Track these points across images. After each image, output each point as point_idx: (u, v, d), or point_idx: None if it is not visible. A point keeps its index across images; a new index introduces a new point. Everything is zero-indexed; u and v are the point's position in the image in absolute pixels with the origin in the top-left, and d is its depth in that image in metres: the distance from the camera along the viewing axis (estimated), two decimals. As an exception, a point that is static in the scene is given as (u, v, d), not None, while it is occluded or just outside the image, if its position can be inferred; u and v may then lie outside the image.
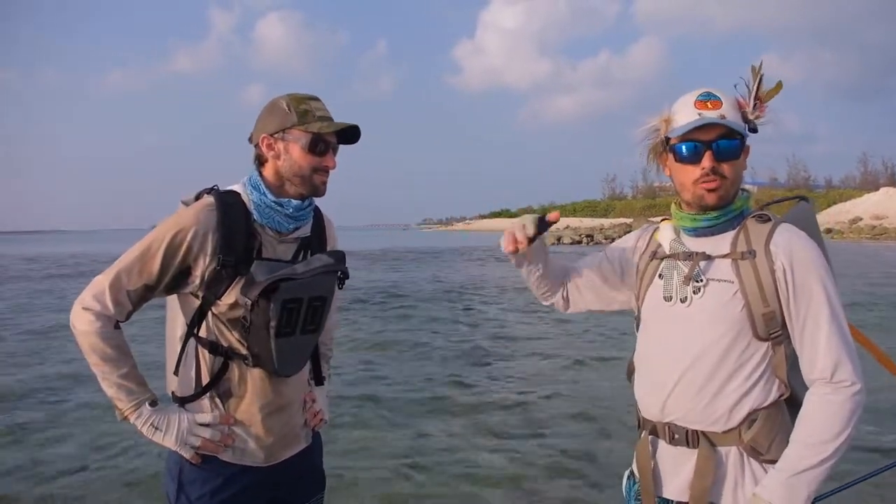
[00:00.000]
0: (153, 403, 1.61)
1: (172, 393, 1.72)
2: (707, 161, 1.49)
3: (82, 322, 1.56)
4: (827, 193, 66.01)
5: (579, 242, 42.68)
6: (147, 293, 1.61)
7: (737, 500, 1.47)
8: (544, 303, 1.87)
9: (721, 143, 1.48)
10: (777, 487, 1.39)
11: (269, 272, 1.62)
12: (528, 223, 1.60)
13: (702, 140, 1.49)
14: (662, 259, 1.62)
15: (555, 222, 1.61)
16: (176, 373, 1.70)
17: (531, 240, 1.61)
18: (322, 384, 1.95)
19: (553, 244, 41.98)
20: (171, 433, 1.61)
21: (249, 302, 1.58)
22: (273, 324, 1.59)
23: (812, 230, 1.57)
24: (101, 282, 1.58)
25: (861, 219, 49.10)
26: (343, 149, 1.75)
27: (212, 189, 1.70)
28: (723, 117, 1.49)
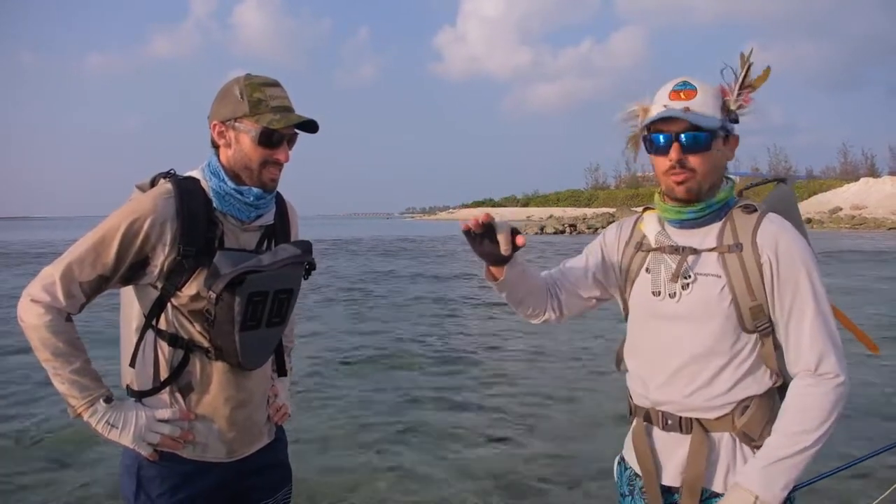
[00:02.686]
0: (108, 400, 1.53)
1: (128, 387, 1.64)
2: (674, 153, 1.46)
3: (31, 315, 1.48)
4: (808, 184, 66.79)
5: (562, 232, 42.72)
6: (102, 284, 1.53)
7: (728, 486, 1.47)
8: (533, 321, 1.77)
9: (686, 136, 1.45)
10: (755, 475, 1.39)
11: (232, 263, 1.55)
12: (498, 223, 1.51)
13: (669, 131, 1.46)
14: (649, 252, 1.58)
15: (521, 246, 1.51)
16: (132, 365, 1.61)
17: (496, 254, 1.51)
18: (285, 375, 1.90)
19: (536, 233, 42.04)
20: (128, 431, 1.53)
21: (214, 295, 1.51)
22: (238, 318, 1.53)
23: (791, 213, 1.57)
24: (51, 273, 1.50)
25: (841, 209, 49.74)
26: (325, 137, 1.67)
27: (168, 173, 1.62)
28: (687, 110, 1.45)
